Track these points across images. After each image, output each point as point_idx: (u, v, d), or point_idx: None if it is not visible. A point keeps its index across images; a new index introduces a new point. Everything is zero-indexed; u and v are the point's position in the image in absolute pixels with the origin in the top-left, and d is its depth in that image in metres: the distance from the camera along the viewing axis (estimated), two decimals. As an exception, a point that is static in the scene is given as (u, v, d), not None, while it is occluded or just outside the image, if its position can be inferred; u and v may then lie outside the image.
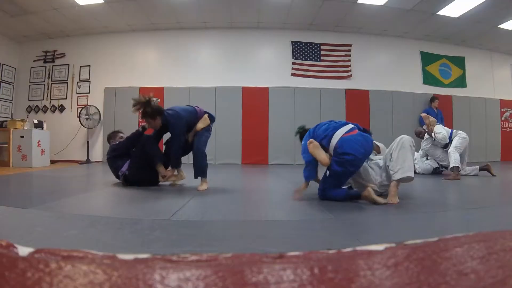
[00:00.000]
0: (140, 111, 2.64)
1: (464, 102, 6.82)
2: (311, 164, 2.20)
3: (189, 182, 3.02)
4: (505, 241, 0.28)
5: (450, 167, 3.71)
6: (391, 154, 2.15)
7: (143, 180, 2.87)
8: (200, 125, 2.85)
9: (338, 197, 2.10)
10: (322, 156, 2.10)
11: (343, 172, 2.09)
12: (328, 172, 2.16)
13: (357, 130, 2.22)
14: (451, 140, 3.91)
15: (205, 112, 2.94)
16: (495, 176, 3.76)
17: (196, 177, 2.82)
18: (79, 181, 3.46)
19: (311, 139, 2.16)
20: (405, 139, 2.13)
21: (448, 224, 1.69)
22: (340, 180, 2.16)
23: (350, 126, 2.23)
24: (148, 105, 2.61)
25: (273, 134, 6.17)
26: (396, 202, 2.02)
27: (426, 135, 4.11)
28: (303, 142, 2.32)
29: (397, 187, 2.09)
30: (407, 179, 2.09)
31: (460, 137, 3.86)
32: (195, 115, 2.83)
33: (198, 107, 2.92)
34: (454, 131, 3.98)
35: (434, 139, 3.94)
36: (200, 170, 2.79)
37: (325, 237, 1.37)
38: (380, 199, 1.97)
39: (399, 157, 2.08)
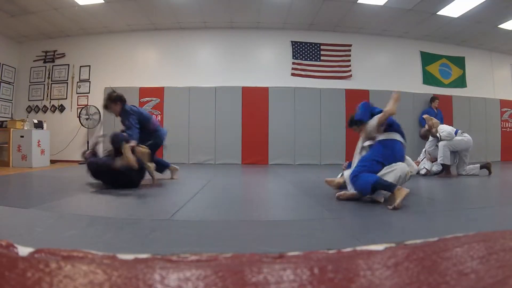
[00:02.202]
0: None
1: (464, 102, 6.81)
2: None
3: (189, 183, 3.02)
4: (505, 241, 0.28)
5: (438, 162, 3.88)
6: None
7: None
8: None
9: (369, 182, 2.04)
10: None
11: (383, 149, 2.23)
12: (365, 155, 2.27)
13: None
14: None
15: (156, 127, 3.28)
16: (490, 174, 3.82)
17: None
18: (79, 181, 3.45)
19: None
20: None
21: (448, 224, 1.69)
22: (374, 166, 2.18)
23: (402, 141, 2.42)
24: (111, 92, 3.12)
25: (273, 134, 6.16)
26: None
27: (430, 137, 4.09)
28: (361, 107, 2.60)
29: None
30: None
31: (461, 139, 3.83)
32: (148, 120, 3.16)
33: (155, 119, 3.37)
34: (459, 131, 3.92)
35: (440, 139, 3.89)
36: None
37: (325, 237, 1.37)
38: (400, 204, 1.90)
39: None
